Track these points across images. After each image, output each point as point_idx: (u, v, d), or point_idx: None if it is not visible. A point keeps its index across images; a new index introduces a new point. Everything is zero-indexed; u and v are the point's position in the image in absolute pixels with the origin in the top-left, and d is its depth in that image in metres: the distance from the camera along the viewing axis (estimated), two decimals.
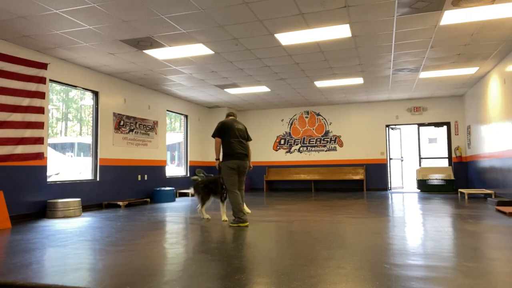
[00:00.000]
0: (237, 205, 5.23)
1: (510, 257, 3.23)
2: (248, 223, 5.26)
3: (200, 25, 5.50)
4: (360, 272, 2.82)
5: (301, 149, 12.93)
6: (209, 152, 12.73)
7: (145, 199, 8.82)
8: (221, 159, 5.41)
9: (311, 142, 12.85)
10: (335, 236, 4.33)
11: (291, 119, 13.11)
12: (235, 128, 5.41)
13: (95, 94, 8.04)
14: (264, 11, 5.08)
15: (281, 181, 13.06)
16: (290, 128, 13.10)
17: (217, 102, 11.78)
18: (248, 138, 5.62)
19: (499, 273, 2.76)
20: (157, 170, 9.89)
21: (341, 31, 5.80)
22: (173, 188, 9.63)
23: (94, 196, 7.79)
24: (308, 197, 9.76)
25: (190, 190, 5.26)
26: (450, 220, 5.43)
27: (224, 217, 5.68)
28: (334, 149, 12.56)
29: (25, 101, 6.27)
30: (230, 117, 5.67)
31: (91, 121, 8.09)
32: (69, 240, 4.39)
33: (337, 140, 12.55)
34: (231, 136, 5.33)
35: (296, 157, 12.95)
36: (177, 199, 9.95)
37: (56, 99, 8.09)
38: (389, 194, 10.53)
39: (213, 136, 5.44)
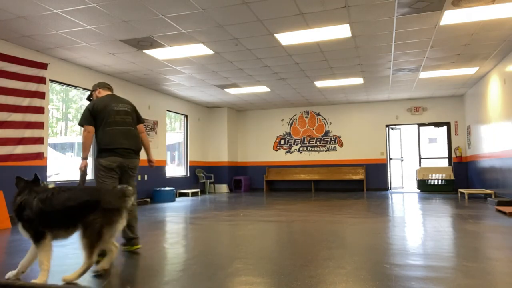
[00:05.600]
0: None
1: (510, 257, 3.23)
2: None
3: (200, 25, 5.50)
4: (360, 272, 2.82)
5: (301, 149, 12.93)
6: (209, 152, 12.74)
7: (145, 199, 8.82)
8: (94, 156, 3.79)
9: (311, 142, 12.85)
10: (335, 236, 4.33)
11: (291, 119, 13.11)
12: (113, 110, 3.65)
13: None
14: (264, 11, 5.08)
15: (281, 181, 13.06)
16: (290, 128, 13.10)
17: (217, 102, 11.78)
18: (139, 119, 3.89)
19: (499, 273, 2.76)
20: (157, 170, 9.88)
21: (341, 31, 5.80)
22: (173, 188, 9.63)
23: None
24: (308, 197, 9.76)
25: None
26: (450, 220, 5.43)
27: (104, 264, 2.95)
28: (334, 149, 12.56)
29: (25, 101, 6.26)
30: (106, 92, 3.95)
31: None
32: (69, 240, 4.38)
33: (337, 140, 12.55)
34: (109, 123, 3.59)
35: (296, 157, 12.95)
36: (177, 199, 9.95)
37: (56, 99, 8.09)
38: (389, 194, 10.53)
39: (81, 124, 3.63)
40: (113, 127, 3.57)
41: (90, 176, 7.92)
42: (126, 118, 3.67)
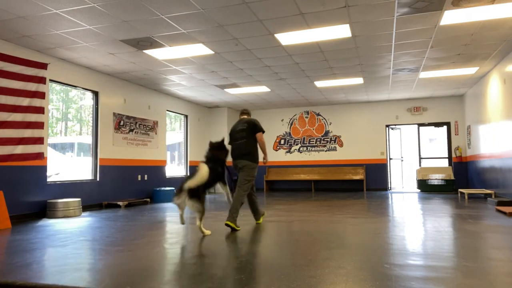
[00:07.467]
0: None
1: (510, 257, 3.23)
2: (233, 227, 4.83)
3: (200, 25, 5.50)
4: (360, 272, 2.82)
5: (301, 149, 12.93)
6: None
7: (145, 199, 8.82)
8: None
9: (311, 142, 12.85)
10: (335, 236, 4.33)
11: (291, 119, 13.11)
12: (235, 131, 5.34)
13: (95, 94, 8.04)
14: (264, 11, 5.08)
15: (281, 181, 13.06)
16: (290, 128, 13.10)
17: (217, 102, 11.78)
18: (255, 130, 5.23)
19: (499, 273, 2.76)
20: (157, 170, 9.89)
21: (341, 31, 5.80)
22: (173, 188, 9.63)
23: (94, 196, 7.79)
24: (308, 197, 9.76)
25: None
26: (450, 220, 5.43)
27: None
28: (334, 149, 12.56)
29: (25, 101, 6.26)
30: (241, 117, 5.54)
31: (91, 121, 8.09)
32: (69, 240, 4.39)
33: (337, 140, 12.55)
34: (233, 139, 5.38)
35: (296, 157, 12.95)
36: None
37: (56, 99, 8.09)
38: (389, 194, 10.53)
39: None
40: (234, 142, 5.36)
41: (89, 176, 7.91)
42: (241, 133, 5.27)
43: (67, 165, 8.06)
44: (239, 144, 5.23)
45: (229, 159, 5.20)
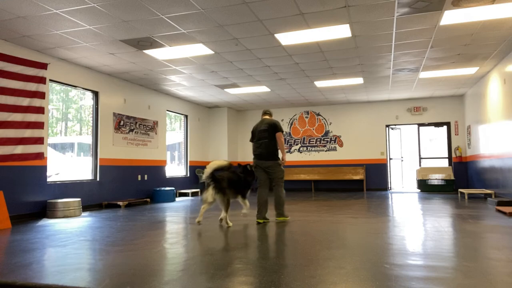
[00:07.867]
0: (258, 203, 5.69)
1: (510, 257, 3.23)
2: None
3: (200, 25, 5.51)
4: (360, 272, 2.82)
5: (301, 149, 12.93)
6: (209, 152, 12.74)
7: (145, 199, 8.82)
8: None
9: (311, 142, 12.85)
10: (335, 236, 4.33)
11: (291, 119, 13.11)
12: (257, 131, 5.69)
13: (95, 94, 8.04)
14: (264, 11, 5.08)
15: None
16: (290, 128, 13.10)
17: (217, 102, 11.79)
18: (276, 130, 5.57)
19: (499, 273, 2.76)
20: (157, 170, 9.89)
21: (341, 31, 5.80)
22: (173, 188, 9.63)
23: (94, 196, 7.79)
24: (308, 197, 9.76)
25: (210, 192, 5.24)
26: (450, 220, 5.43)
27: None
28: (334, 149, 12.56)
29: (25, 101, 6.26)
30: (263, 117, 5.88)
31: (91, 121, 8.09)
32: (69, 240, 4.39)
33: (337, 140, 12.55)
34: (255, 139, 5.73)
35: (296, 157, 12.95)
36: (177, 199, 9.95)
37: (56, 99, 8.10)
38: (389, 194, 10.53)
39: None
40: (256, 141, 5.69)
41: (89, 176, 7.91)
42: (263, 134, 5.59)
43: (67, 165, 8.06)
44: (261, 144, 5.59)
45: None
